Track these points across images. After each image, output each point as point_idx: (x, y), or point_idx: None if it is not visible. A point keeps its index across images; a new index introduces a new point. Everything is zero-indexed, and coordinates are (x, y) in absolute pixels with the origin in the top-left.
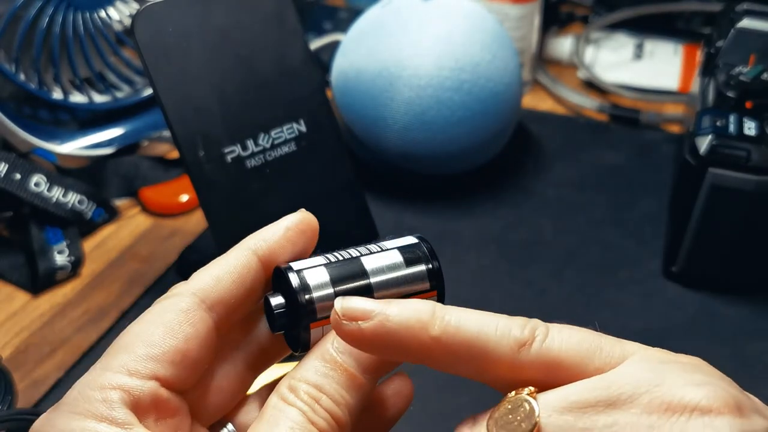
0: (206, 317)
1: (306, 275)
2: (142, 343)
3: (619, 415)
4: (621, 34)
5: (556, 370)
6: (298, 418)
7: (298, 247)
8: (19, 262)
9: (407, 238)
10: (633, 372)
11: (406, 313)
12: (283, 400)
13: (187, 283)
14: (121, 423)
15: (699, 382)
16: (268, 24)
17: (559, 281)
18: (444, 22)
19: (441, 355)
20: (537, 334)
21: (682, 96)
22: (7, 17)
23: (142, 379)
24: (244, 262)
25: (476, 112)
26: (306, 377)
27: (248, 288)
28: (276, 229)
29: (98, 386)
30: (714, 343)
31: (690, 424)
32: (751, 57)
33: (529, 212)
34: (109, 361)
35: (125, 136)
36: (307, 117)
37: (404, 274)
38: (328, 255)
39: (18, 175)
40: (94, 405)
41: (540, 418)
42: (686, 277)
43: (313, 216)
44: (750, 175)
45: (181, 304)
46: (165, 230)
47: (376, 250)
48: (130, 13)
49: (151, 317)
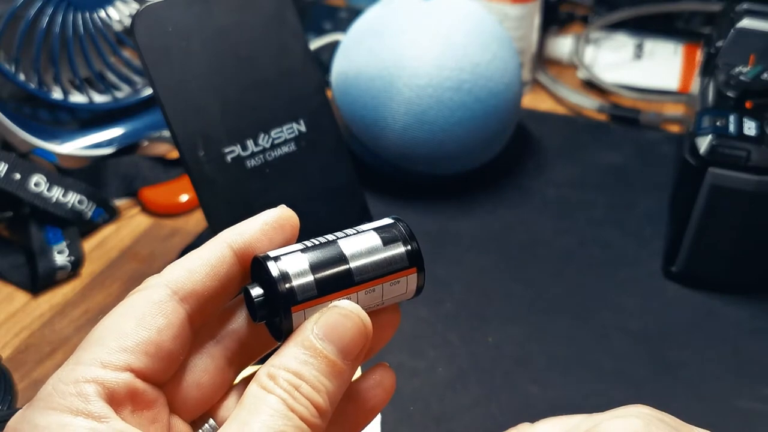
0: (179, 309)
1: (285, 263)
2: (115, 335)
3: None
4: (621, 34)
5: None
6: (278, 406)
7: (275, 242)
8: (19, 262)
9: (383, 220)
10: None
11: None
12: (262, 388)
13: (160, 276)
14: (98, 416)
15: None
16: (268, 24)
17: (559, 281)
18: (444, 22)
19: None
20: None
21: (682, 96)
22: (7, 17)
23: (115, 371)
24: (218, 254)
25: (476, 112)
26: (285, 364)
27: (222, 280)
28: (253, 224)
29: (72, 380)
30: (714, 343)
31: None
32: (751, 57)
33: (529, 212)
34: (81, 355)
35: (125, 136)
36: (307, 117)
37: (383, 257)
38: (305, 242)
39: (18, 175)
40: (68, 399)
41: None
42: (686, 277)
43: (294, 213)
44: (750, 175)
45: (153, 296)
46: (165, 230)
47: (352, 233)
48: (130, 13)
49: (123, 310)
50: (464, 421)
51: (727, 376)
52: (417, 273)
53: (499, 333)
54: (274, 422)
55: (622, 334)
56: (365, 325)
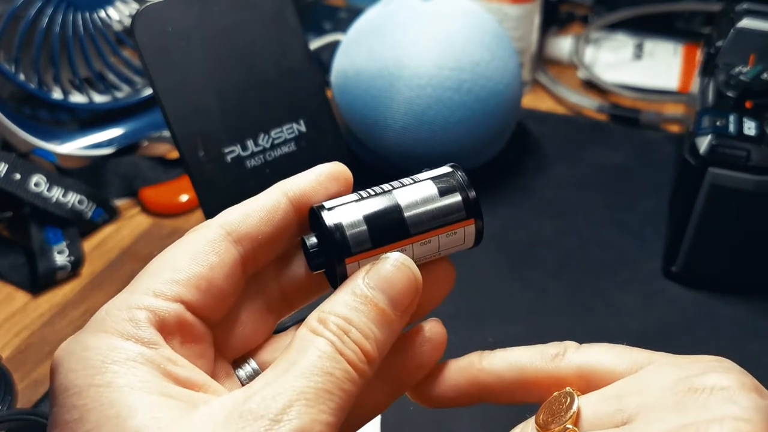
0: (232, 249)
1: (339, 213)
2: (169, 268)
3: (648, 396)
4: (621, 34)
5: (589, 374)
6: (326, 348)
7: (330, 191)
8: (19, 262)
9: (441, 168)
10: (660, 369)
11: (459, 362)
12: (312, 332)
13: (216, 218)
14: (147, 342)
15: (719, 370)
16: (268, 24)
17: (559, 281)
18: (444, 22)
19: (489, 380)
20: (568, 347)
21: (682, 96)
22: (7, 17)
23: (167, 301)
24: (273, 201)
25: (476, 112)
26: (336, 310)
27: (276, 226)
28: (309, 175)
29: (125, 306)
30: (714, 343)
31: (712, 398)
32: (751, 57)
33: (529, 212)
34: (135, 285)
35: (125, 136)
36: (307, 117)
37: (439, 206)
38: (360, 192)
39: (18, 175)
40: (120, 324)
41: (580, 406)
42: (686, 277)
43: (347, 167)
44: (750, 175)
45: (207, 234)
46: (165, 230)
47: (408, 183)
48: (130, 13)
49: (178, 246)
50: (464, 421)
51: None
52: (475, 223)
53: (499, 333)
54: (323, 363)
55: (622, 334)
56: (416, 277)
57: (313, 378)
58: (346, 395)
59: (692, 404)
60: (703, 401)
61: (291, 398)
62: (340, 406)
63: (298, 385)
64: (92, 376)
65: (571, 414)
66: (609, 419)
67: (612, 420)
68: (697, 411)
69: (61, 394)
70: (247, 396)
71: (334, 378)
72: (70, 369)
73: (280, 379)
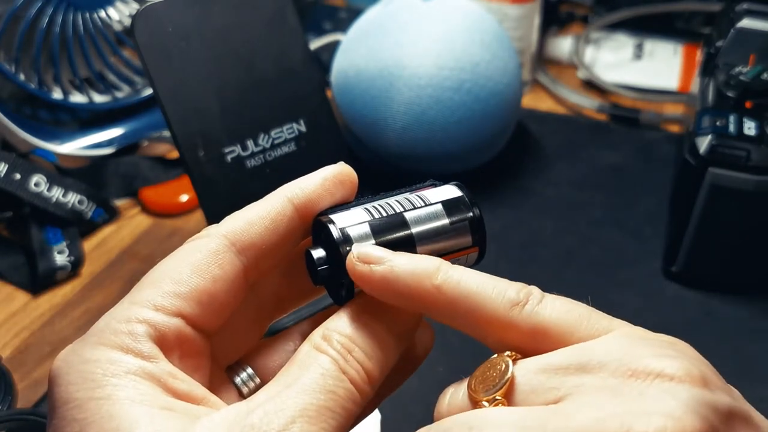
0: (235, 260)
1: (350, 233)
2: (170, 279)
3: (587, 377)
4: (621, 34)
5: (542, 335)
6: (329, 366)
7: (335, 197)
8: (19, 262)
9: (448, 188)
10: (609, 343)
11: (413, 262)
12: (315, 348)
13: (219, 226)
14: (147, 356)
15: (668, 355)
16: (268, 24)
17: (559, 281)
18: (444, 22)
19: (441, 304)
20: (531, 298)
21: (682, 96)
22: (7, 17)
23: (167, 315)
24: (278, 208)
25: (476, 112)
26: (340, 329)
27: (281, 235)
28: (314, 179)
29: (124, 319)
30: (713, 343)
31: (651, 386)
32: (751, 57)
33: (529, 212)
34: (136, 295)
35: (125, 136)
36: (307, 117)
37: (449, 239)
38: (368, 206)
39: (18, 175)
40: (120, 337)
41: (514, 376)
42: (686, 277)
43: (352, 169)
44: (750, 175)
45: (210, 245)
46: (165, 230)
47: (419, 204)
48: (130, 13)
49: (181, 255)
50: None
51: (727, 377)
52: (478, 251)
53: None
54: (325, 381)
55: None
56: None
57: (315, 395)
58: (347, 414)
59: (628, 391)
60: (641, 389)
61: (293, 414)
62: (341, 424)
63: (300, 401)
64: (92, 390)
65: (504, 382)
66: (543, 396)
67: (545, 397)
68: (631, 400)
69: (60, 407)
70: (250, 410)
71: (336, 396)
72: (69, 382)
73: (282, 394)
